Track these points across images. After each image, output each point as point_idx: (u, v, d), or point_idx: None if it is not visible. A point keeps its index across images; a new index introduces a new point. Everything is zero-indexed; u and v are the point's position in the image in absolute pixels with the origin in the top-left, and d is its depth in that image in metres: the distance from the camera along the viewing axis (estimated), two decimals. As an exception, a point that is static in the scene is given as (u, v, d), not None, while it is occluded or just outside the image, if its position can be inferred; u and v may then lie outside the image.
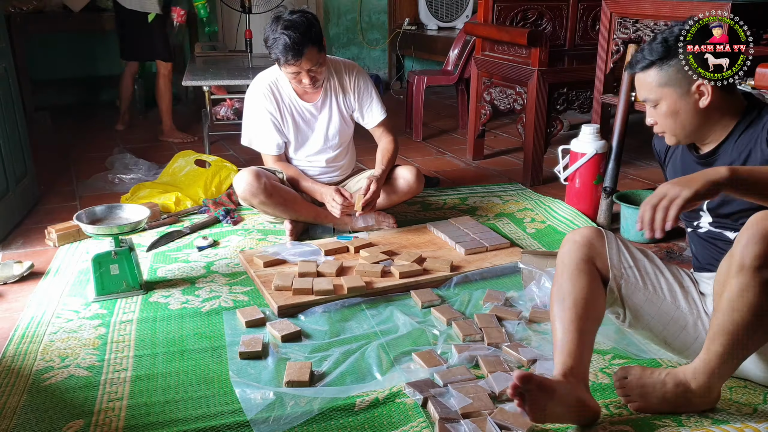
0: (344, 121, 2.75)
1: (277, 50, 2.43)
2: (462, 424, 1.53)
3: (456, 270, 2.35)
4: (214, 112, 4.06)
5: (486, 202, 3.15)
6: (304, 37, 2.41)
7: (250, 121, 2.72)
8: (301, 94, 2.68)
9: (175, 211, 2.99)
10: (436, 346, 1.90)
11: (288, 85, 2.66)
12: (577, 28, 3.66)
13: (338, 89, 2.71)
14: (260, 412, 1.60)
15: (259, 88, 2.67)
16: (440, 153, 4.12)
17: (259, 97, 2.66)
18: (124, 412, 1.64)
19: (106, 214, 2.28)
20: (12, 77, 3.03)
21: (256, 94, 2.68)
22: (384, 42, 6.33)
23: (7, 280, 2.35)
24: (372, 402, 1.65)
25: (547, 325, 2.01)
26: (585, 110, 3.51)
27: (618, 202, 2.76)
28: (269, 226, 2.85)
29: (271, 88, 2.66)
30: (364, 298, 2.17)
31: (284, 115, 2.68)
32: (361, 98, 2.73)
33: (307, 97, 2.69)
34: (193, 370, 1.81)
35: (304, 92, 2.67)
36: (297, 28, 2.41)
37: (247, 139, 2.76)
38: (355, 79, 2.72)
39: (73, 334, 1.99)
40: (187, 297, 2.23)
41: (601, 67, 2.97)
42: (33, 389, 1.73)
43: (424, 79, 4.42)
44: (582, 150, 2.84)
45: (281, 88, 2.67)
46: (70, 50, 5.37)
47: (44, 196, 3.28)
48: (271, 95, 2.65)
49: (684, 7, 2.52)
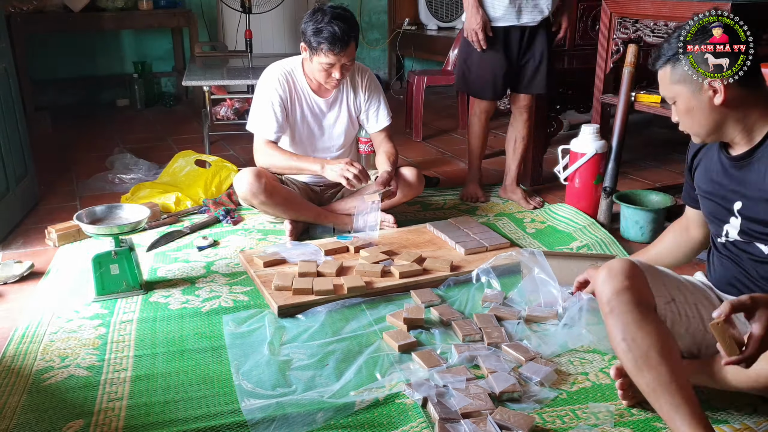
0: (351, 121, 2.77)
1: (322, 38, 2.45)
2: (462, 424, 1.54)
3: (456, 270, 2.35)
4: (214, 112, 4.07)
5: (486, 202, 3.15)
6: (351, 30, 2.48)
7: (257, 103, 2.70)
8: (315, 89, 2.69)
9: (175, 211, 2.99)
10: (436, 346, 1.91)
11: (303, 77, 2.68)
12: (577, 28, 3.65)
13: (350, 89, 2.73)
14: (260, 413, 1.60)
15: (274, 74, 2.68)
16: (440, 153, 4.12)
17: (273, 81, 2.66)
18: (124, 412, 1.64)
19: (106, 214, 2.28)
20: (12, 77, 3.03)
21: (270, 78, 2.68)
22: (384, 42, 6.33)
23: (7, 280, 2.35)
24: (372, 402, 1.65)
25: (546, 325, 2.02)
26: (585, 110, 3.51)
27: (618, 202, 2.76)
28: (269, 226, 2.85)
29: (287, 76, 2.67)
30: (364, 298, 2.17)
31: (294, 104, 2.68)
32: (370, 101, 2.76)
33: (320, 93, 2.71)
34: (193, 370, 1.81)
35: (318, 87, 2.68)
36: (346, 21, 2.48)
37: (252, 122, 2.72)
38: (367, 81, 2.76)
39: (73, 334, 2.00)
40: (187, 297, 2.23)
41: (601, 67, 2.97)
42: (33, 389, 1.73)
43: (424, 79, 4.42)
44: (582, 150, 2.84)
45: (296, 78, 2.68)
46: (70, 50, 5.37)
47: (44, 196, 3.28)
48: (285, 82, 2.66)
49: (684, 7, 2.52)
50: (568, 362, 1.84)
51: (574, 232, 2.72)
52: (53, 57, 5.31)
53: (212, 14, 5.66)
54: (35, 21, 4.81)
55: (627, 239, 2.72)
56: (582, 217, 2.82)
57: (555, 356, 1.86)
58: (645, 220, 2.66)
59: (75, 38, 5.35)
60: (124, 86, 5.54)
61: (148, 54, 5.63)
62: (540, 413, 1.62)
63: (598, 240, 2.60)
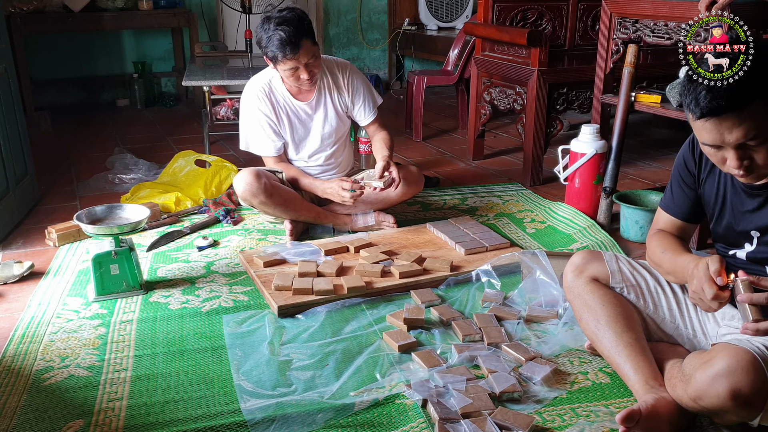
0: (340, 118, 2.76)
1: (273, 47, 2.44)
2: (462, 424, 1.54)
3: (456, 270, 2.35)
4: (214, 112, 4.06)
5: (486, 202, 3.15)
6: (299, 30, 2.44)
7: (246, 125, 2.72)
8: (296, 94, 2.69)
9: (175, 211, 2.99)
10: (436, 346, 1.91)
11: (282, 86, 2.67)
12: (576, 28, 3.66)
13: (332, 87, 2.72)
14: (260, 413, 1.60)
15: (253, 91, 2.67)
16: (440, 153, 4.12)
17: (253, 100, 2.66)
18: (124, 412, 1.64)
19: (106, 214, 2.28)
20: (12, 77, 3.03)
21: (250, 98, 2.68)
22: (384, 42, 6.33)
23: (7, 280, 2.35)
24: (372, 402, 1.65)
25: (546, 325, 2.02)
26: (585, 110, 3.51)
27: (618, 202, 2.76)
28: (269, 226, 2.85)
29: (265, 90, 2.66)
30: (364, 298, 2.18)
31: (280, 116, 2.68)
32: (355, 95, 2.74)
33: (302, 97, 2.70)
34: (193, 370, 1.81)
35: (299, 92, 2.68)
36: (290, 23, 2.44)
37: (245, 143, 2.76)
38: (349, 77, 2.73)
39: (73, 334, 2.00)
40: (187, 297, 2.23)
41: (601, 67, 2.97)
42: (33, 389, 1.73)
43: (424, 79, 4.42)
44: (582, 150, 2.84)
45: (275, 90, 2.67)
46: (70, 50, 5.37)
47: (44, 196, 3.28)
48: (265, 97, 2.65)
49: (684, 7, 2.52)
50: (568, 362, 1.84)
51: (574, 233, 2.72)
52: (53, 57, 5.32)
53: (212, 14, 5.66)
54: (35, 21, 4.81)
55: (627, 239, 2.72)
56: (582, 218, 2.82)
57: (555, 356, 1.86)
58: (645, 220, 2.66)
59: (75, 38, 5.36)
60: (124, 86, 5.55)
61: (148, 54, 5.64)
62: (540, 413, 1.62)
63: (598, 242, 2.59)
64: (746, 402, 1.33)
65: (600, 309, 1.69)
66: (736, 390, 1.33)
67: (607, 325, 1.67)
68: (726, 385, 1.33)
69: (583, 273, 1.76)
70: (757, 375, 1.33)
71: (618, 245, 2.56)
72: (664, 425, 1.47)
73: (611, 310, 1.68)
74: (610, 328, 1.66)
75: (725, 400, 1.34)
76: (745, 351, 1.36)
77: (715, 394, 1.35)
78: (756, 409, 1.35)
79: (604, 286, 1.74)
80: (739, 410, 1.36)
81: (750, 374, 1.33)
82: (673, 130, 4.37)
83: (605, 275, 1.74)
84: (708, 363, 1.39)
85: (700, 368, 1.40)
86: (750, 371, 1.33)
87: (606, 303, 1.69)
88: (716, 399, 1.35)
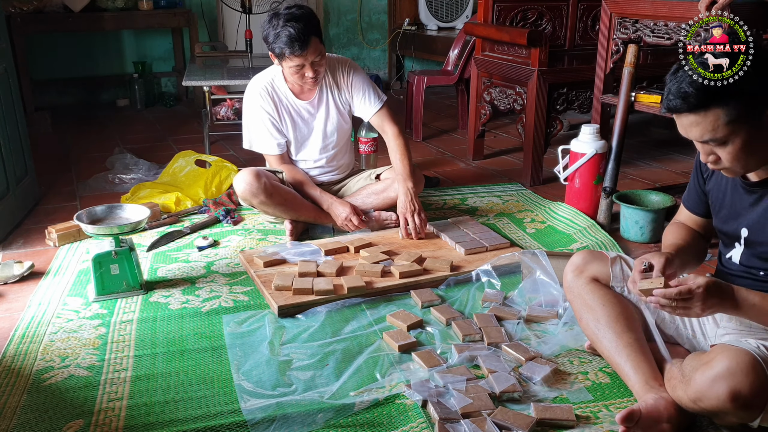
0: (342, 117, 2.75)
1: (281, 43, 2.44)
2: (462, 424, 1.54)
3: (456, 270, 2.35)
4: (214, 112, 4.06)
5: (486, 202, 3.15)
6: (307, 28, 2.44)
7: (249, 124, 2.72)
8: (298, 93, 2.68)
9: (176, 211, 2.99)
10: (436, 346, 1.91)
11: (284, 85, 2.67)
12: (576, 28, 3.66)
13: (333, 86, 2.71)
14: (260, 413, 1.60)
15: (256, 90, 2.67)
16: (440, 153, 4.12)
17: (256, 98, 2.66)
18: (124, 412, 1.64)
19: (106, 214, 2.28)
20: (12, 77, 3.03)
21: (253, 96, 2.68)
22: (384, 42, 6.33)
23: (7, 280, 2.35)
24: (372, 402, 1.65)
25: (546, 325, 2.02)
26: (585, 110, 3.51)
27: (618, 202, 2.76)
28: (269, 226, 2.85)
29: (268, 89, 2.66)
30: (364, 298, 2.18)
31: (282, 115, 2.68)
32: (355, 91, 2.72)
33: (304, 96, 2.69)
34: (193, 370, 1.81)
35: (301, 91, 2.68)
36: (299, 20, 2.43)
37: (248, 142, 2.75)
38: (348, 73, 2.71)
39: (74, 334, 2.00)
40: (187, 297, 2.23)
41: (600, 67, 2.97)
42: (33, 389, 1.73)
43: (424, 79, 4.42)
44: (582, 150, 2.84)
45: (277, 89, 2.67)
46: (70, 50, 5.37)
47: (44, 196, 3.28)
48: (268, 96, 2.65)
49: (684, 7, 2.52)
50: (568, 362, 1.84)
51: (574, 233, 2.72)
52: (53, 57, 5.31)
53: (212, 14, 5.66)
54: (35, 21, 4.81)
55: (627, 239, 2.72)
56: (582, 218, 2.82)
57: (555, 356, 1.86)
58: (645, 220, 2.66)
59: (75, 38, 5.35)
60: (124, 86, 5.55)
61: (148, 54, 5.63)
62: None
63: (598, 242, 2.59)
64: (746, 404, 1.34)
65: (600, 309, 1.70)
66: (736, 392, 1.33)
67: (607, 325, 1.67)
68: (726, 387, 1.34)
69: (583, 273, 1.77)
70: (756, 376, 1.34)
71: (618, 245, 2.56)
72: (664, 425, 1.47)
73: (611, 310, 1.69)
74: (610, 328, 1.67)
75: (725, 402, 1.34)
76: (745, 352, 1.37)
77: (715, 395, 1.35)
78: (756, 410, 1.36)
79: (605, 286, 1.75)
80: (739, 412, 1.36)
81: (750, 376, 1.33)
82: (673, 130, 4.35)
83: (605, 275, 1.75)
84: (707, 365, 1.39)
85: (699, 370, 1.41)
86: (750, 373, 1.33)
87: (606, 303, 1.70)
88: (716, 401, 1.36)
